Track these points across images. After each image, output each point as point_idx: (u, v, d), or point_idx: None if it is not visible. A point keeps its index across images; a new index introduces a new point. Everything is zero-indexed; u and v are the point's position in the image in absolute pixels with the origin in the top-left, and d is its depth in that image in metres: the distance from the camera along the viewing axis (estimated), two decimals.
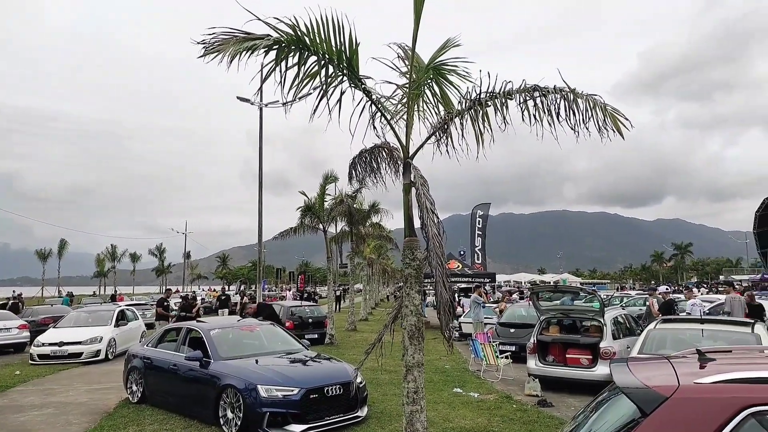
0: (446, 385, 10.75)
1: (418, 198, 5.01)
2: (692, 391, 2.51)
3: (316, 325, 18.79)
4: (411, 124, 5.43)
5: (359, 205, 24.32)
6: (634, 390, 2.67)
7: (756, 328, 7.27)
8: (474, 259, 33.45)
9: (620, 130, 4.60)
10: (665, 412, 2.50)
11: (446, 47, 5.75)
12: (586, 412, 3.35)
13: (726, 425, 2.35)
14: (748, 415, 2.33)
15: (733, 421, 2.34)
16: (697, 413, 2.44)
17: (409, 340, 5.21)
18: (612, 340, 10.12)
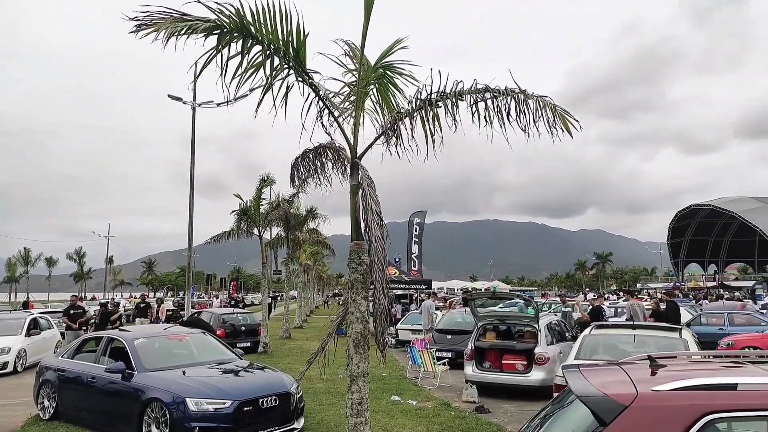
0: (384, 393, 10.58)
1: (363, 199, 4.81)
2: (652, 400, 2.47)
3: (249, 333, 18.13)
4: (359, 123, 5.24)
5: (296, 209, 23.85)
6: (592, 398, 2.59)
7: (683, 334, 7.61)
8: (410, 266, 33.64)
9: (569, 130, 4.63)
10: (625, 421, 2.43)
11: (394, 47, 5.62)
12: (533, 425, 3.26)
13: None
14: (707, 422, 2.30)
15: (693, 429, 2.31)
16: (657, 422, 2.39)
17: (354, 348, 4.99)
18: (546, 346, 10.33)
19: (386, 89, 5.75)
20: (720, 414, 2.32)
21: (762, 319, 17.79)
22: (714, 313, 19.34)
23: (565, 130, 4.63)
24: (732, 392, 2.37)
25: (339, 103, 5.69)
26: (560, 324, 12.27)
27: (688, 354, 4.21)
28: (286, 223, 22.54)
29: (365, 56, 5.31)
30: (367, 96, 5.69)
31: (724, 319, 17.83)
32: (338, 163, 6.03)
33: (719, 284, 53.87)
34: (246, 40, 4.52)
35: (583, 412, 2.64)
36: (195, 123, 20.34)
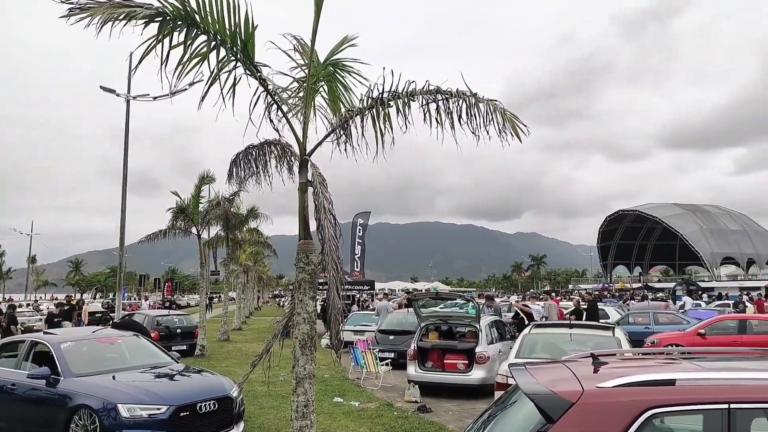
0: (326, 394, 10.46)
1: (315, 197, 4.71)
2: (597, 396, 2.53)
3: (185, 335, 17.47)
4: (309, 120, 5.13)
5: (237, 208, 23.23)
6: (540, 396, 2.63)
7: (616, 332, 7.97)
8: (353, 267, 33.58)
9: (518, 135, 4.73)
10: (572, 417, 2.48)
11: (344, 45, 5.56)
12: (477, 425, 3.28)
13: (629, 427, 2.38)
14: (649, 416, 2.38)
15: (636, 423, 2.38)
16: (602, 417, 2.45)
17: (300, 350, 4.87)
18: (487, 345, 10.54)
19: (336, 87, 5.68)
20: (660, 409, 2.41)
21: (683, 318, 18.97)
22: (640, 312, 20.44)
23: (515, 135, 4.73)
24: (671, 388, 2.46)
25: (288, 98, 5.56)
26: (500, 324, 12.57)
27: (623, 351, 4.39)
28: (226, 222, 21.91)
29: (315, 52, 5.21)
30: (317, 93, 5.60)
31: (650, 318, 18.87)
32: (284, 160, 5.88)
33: (644, 286, 57.15)
34: (190, 30, 4.31)
35: (529, 411, 2.67)
36: (129, 116, 19.42)
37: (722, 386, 2.39)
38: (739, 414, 2.28)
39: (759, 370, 2.70)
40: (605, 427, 2.43)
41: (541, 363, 3.64)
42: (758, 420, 2.29)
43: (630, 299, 36.66)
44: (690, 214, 61.91)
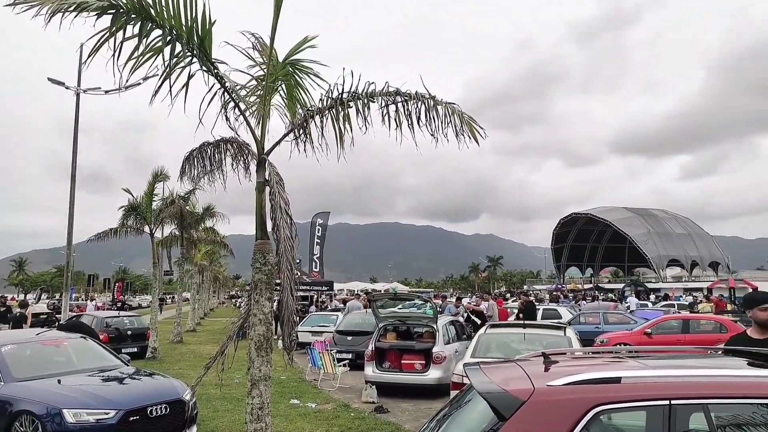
0: (282, 397, 10.35)
1: (272, 197, 4.65)
2: (547, 394, 2.59)
3: (136, 337, 16.94)
4: (267, 119, 5.07)
5: (192, 207, 22.71)
6: (492, 395, 2.68)
7: (567, 332, 8.22)
8: (311, 267, 33.33)
9: (476, 138, 4.81)
10: (523, 415, 2.54)
11: (303, 45, 5.51)
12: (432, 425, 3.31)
13: (577, 424, 2.45)
14: (596, 413, 2.47)
15: (583, 420, 2.46)
16: (552, 414, 2.52)
17: (256, 351, 4.79)
18: (443, 345, 10.66)
19: (295, 86, 5.63)
20: (606, 406, 2.49)
21: (631, 318, 19.71)
22: (591, 313, 21.13)
23: (472, 138, 4.81)
24: (617, 385, 2.55)
25: (245, 96, 5.48)
26: (457, 324, 12.73)
27: (573, 351, 4.53)
28: (180, 220, 21.38)
29: (274, 51, 5.15)
30: (276, 92, 5.53)
31: (600, 318, 19.53)
32: (240, 159, 5.79)
33: (595, 287, 59.06)
34: (145, 23, 4.18)
35: (483, 409, 2.72)
36: (79, 110, 18.68)
37: (664, 383, 2.50)
38: (679, 409, 2.39)
39: (698, 367, 2.84)
40: (555, 424, 2.49)
41: (494, 362, 3.71)
42: (696, 414, 2.40)
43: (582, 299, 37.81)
44: (638, 218, 64.37)
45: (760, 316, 3.56)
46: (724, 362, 3.10)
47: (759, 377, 2.64)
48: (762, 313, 3.55)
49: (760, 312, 3.56)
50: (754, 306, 3.61)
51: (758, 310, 3.56)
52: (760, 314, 3.56)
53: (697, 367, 2.86)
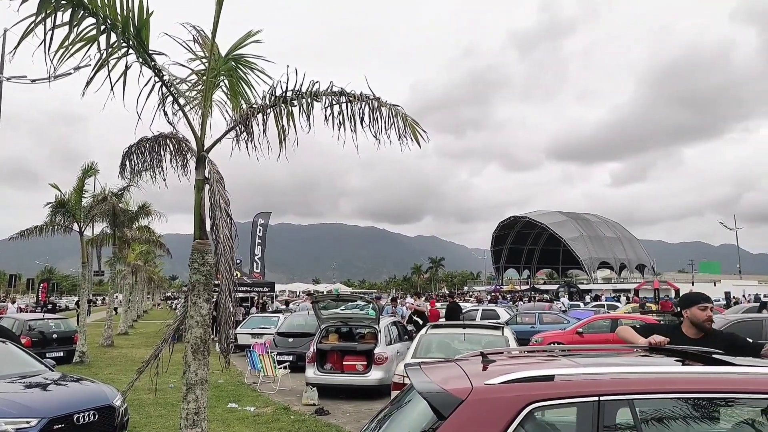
0: (220, 401, 10.08)
1: (211, 195, 4.51)
2: (484, 392, 2.65)
3: (62, 341, 15.99)
4: (207, 115, 4.92)
5: (126, 204, 21.71)
6: (432, 394, 2.71)
7: (504, 332, 8.46)
8: (252, 268, 32.67)
9: (418, 141, 4.86)
10: (462, 413, 2.58)
11: (247, 39, 5.39)
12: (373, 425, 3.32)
13: (513, 421, 2.52)
14: (531, 410, 2.55)
15: (519, 417, 2.53)
16: (489, 412, 2.57)
17: (192, 354, 4.63)
18: (385, 346, 10.72)
19: (238, 82, 5.49)
20: (540, 403, 2.57)
21: (565, 318, 20.54)
22: (527, 313, 21.86)
23: (414, 140, 4.85)
24: (550, 383, 2.64)
25: (185, 91, 5.29)
26: (398, 325, 12.84)
27: (510, 350, 4.67)
28: (113, 218, 20.39)
29: (216, 45, 5.01)
30: (218, 87, 5.38)
31: (535, 318, 20.25)
32: (179, 155, 5.59)
33: (531, 288, 61.16)
34: (76, 11, 3.94)
35: (423, 409, 2.75)
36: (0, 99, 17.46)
37: (593, 380, 2.61)
38: (607, 405, 2.50)
39: (624, 365, 2.98)
40: (492, 421, 2.55)
41: (435, 362, 3.76)
42: (623, 410, 2.52)
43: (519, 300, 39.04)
44: (572, 222, 67.23)
45: (699, 316, 3.57)
46: (650, 360, 3.27)
47: (682, 373, 2.81)
48: (701, 312, 3.57)
49: (698, 311, 3.57)
50: (692, 305, 3.62)
51: (697, 309, 3.58)
52: (699, 313, 3.57)
53: (623, 364, 3.00)
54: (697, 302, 3.62)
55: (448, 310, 16.23)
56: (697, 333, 3.60)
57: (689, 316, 3.64)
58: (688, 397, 2.54)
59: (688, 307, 3.65)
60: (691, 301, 3.68)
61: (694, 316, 3.60)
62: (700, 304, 3.59)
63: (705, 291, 21.63)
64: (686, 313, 3.67)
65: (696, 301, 3.64)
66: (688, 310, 3.65)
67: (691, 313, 3.61)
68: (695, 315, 3.59)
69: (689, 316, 3.63)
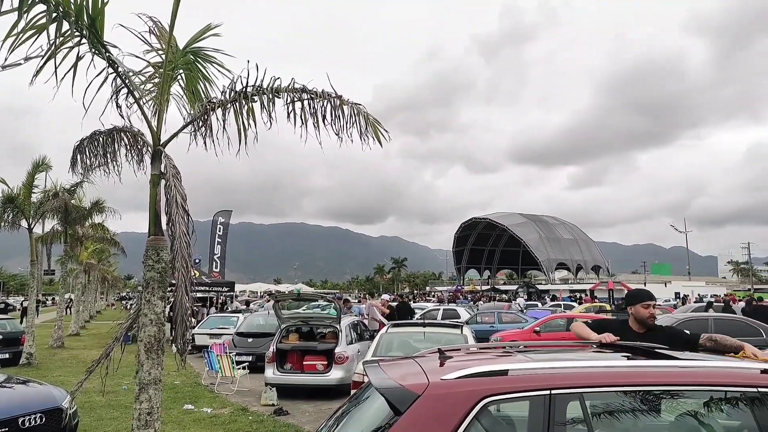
0: (176, 402, 9.86)
1: (167, 190, 4.40)
2: (440, 387, 2.68)
3: (8, 342, 15.31)
4: (164, 109, 4.79)
5: (79, 200, 20.97)
6: (390, 390, 2.73)
7: (464, 330, 8.59)
8: (212, 267, 32.06)
9: (380, 140, 4.87)
10: (418, 408, 2.61)
11: (206, 33, 5.28)
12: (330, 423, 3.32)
13: (468, 414, 2.56)
14: (485, 404, 2.59)
15: (474, 410, 2.58)
16: (445, 407, 2.61)
17: (146, 354, 4.50)
18: (346, 345, 10.69)
19: (196, 76, 5.38)
20: (495, 397, 2.63)
21: (523, 317, 20.98)
22: (487, 312, 22.23)
23: (376, 139, 4.86)
24: (504, 377, 2.69)
25: (141, 84, 5.15)
26: (360, 324, 12.84)
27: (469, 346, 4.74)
28: (65, 215, 19.64)
29: (174, 37, 4.89)
30: (175, 80, 5.25)
31: (495, 317, 20.61)
32: (135, 150, 5.42)
33: (491, 288, 62.13)
34: None
35: (380, 405, 2.77)
36: None
37: (545, 375, 2.68)
38: (558, 399, 2.57)
39: (575, 359, 3.07)
40: (447, 415, 2.59)
41: (393, 359, 3.78)
42: (573, 403, 2.60)
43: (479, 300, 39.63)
44: (532, 224, 68.63)
45: (642, 313, 3.75)
46: (600, 355, 3.38)
47: (629, 368, 2.92)
48: (644, 310, 3.75)
49: (642, 309, 3.75)
50: (636, 302, 3.79)
51: (641, 307, 3.75)
52: (642, 311, 3.75)
53: (575, 359, 3.10)
54: (641, 300, 3.79)
55: (398, 309, 16.58)
56: (642, 328, 3.78)
57: (633, 313, 3.82)
58: (634, 390, 2.64)
59: (633, 305, 3.83)
60: (635, 299, 3.86)
61: (638, 313, 3.78)
62: (643, 302, 3.77)
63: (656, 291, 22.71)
64: (631, 309, 3.85)
65: (640, 299, 3.81)
66: (632, 308, 3.83)
67: (635, 310, 3.79)
68: (639, 312, 3.77)
69: (634, 312, 3.81)
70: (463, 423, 2.54)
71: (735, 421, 2.75)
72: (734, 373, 2.78)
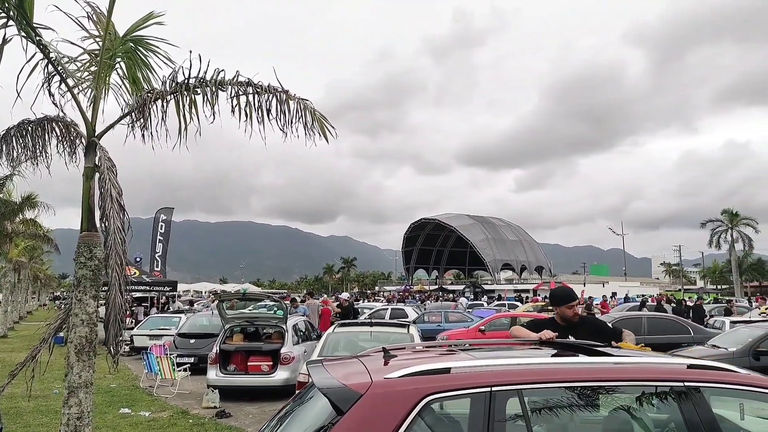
0: (111, 406, 9.43)
1: (101, 184, 4.17)
2: (383, 386, 2.67)
3: None
4: (100, 98, 4.55)
5: (8, 195, 19.76)
6: (333, 390, 2.70)
7: (410, 330, 8.63)
8: (153, 266, 30.93)
9: (326, 136, 4.81)
10: (361, 408, 2.58)
11: (149, 20, 5.06)
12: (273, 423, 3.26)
13: (410, 413, 2.56)
14: (427, 402, 2.60)
15: (416, 409, 2.58)
16: (388, 406, 2.60)
17: (76, 356, 4.26)
18: (292, 346, 10.54)
19: (137, 66, 5.14)
20: (437, 395, 2.64)
21: (469, 317, 21.37)
22: (434, 312, 22.50)
23: (322, 136, 4.80)
24: (446, 375, 2.71)
25: (75, 71, 4.87)
26: (307, 324, 12.70)
27: (414, 345, 4.77)
28: None
29: (113, 24, 4.66)
30: (113, 69, 5.00)
31: (442, 317, 20.88)
32: (67, 141, 5.12)
33: (439, 288, 62.88)
34: None
35: (323, 405, 2.73)
36: None
37: (486, 372, 2.72)
38: (499, 395, 2.61)
39: (516, 357, 3.14)
40: (390, 414, 2.58)
41: (338, 359, 3.74)
42: (512, 400, 2.64)
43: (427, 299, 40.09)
44: (478, 225, 70.00)
45: (567, 313, 3.93)
46: (539, 352, 3.47)
47: (566, 364, 3.00)
48: (569, 310, 3.94)
49: (566, 309, 3.94)
50: (561, 303, 3.98)
51: (566, 308, 3.94)
52: (566, 311, 3.94)
53: (515, 357, 3.16)
54: (566, 302, 3.99)
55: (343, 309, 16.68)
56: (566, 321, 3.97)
57: (559, 313, 4.01)
58: (571, 386, 2.71)
59: (558, 306, 4.04)
60: (561, 300, 4.05)
61: (563, 313, 3.97)
62: (567, 304, 3.97)
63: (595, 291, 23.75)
64: (556, 309, 4.05)
65: (565, 301, 4.00)
66: (558, 308, 4.03)
67: (561, 311, 3.99)
68: (564, 312, 3.97)
69: (559, 312, 4.01)
70: (406, 421, 2.54)
71: (664, 415, 2.87)
72: (663, 368, 2.91)
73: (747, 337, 9.95)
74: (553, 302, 4.12)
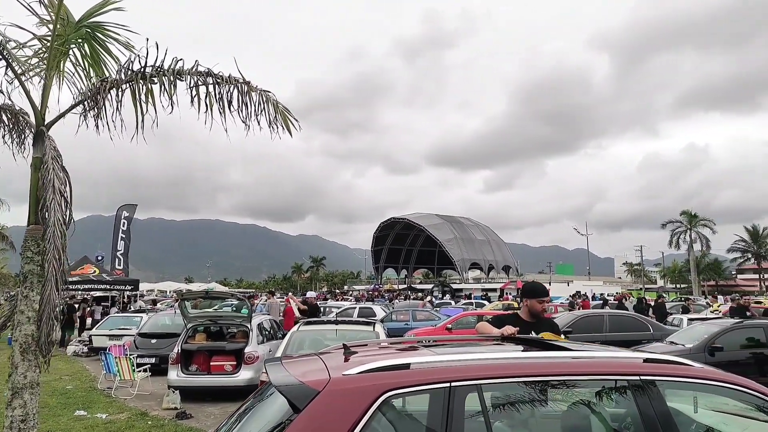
0: (66, 408, 9.10)
1: (44, 173, 3.98)
2: (341, 383, 2.62)
3: None
4: (50, 86, 4.35)
5: None
6: (289, 387, 2.64)
7: (376, 328, 8.58)
8: (114, 265, 30.10)
9: (290, 129, 4.71)
10: (317, 405, 2.53)
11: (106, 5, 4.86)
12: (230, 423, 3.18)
13: (369, 409, 2.52)
14: (386, 398, 2.56)
15: (374, 405, 2.53)
16: (345, 402, 2.55)
17: (21, 355, 4.05)
18: (257, 345, 10.38)
19: (93, 53, 4.94)
20: (396, 390, 2.60)
21: (436, 315, 21.48)
22: (402, 310, 22.55)
23: (286, 129, 4.70)
24: (405, 371, 2.68)
25: (26, 58, 4.65)
26: (272, 323, 12.54)
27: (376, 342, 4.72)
28: None
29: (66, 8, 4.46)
30: (67, 56, 4.79)
31: (409, 315, 20.94)
32: (16, 131, 4.88)
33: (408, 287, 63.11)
34: None
35: (281, 403, 2.67)
36: None
37: (445, 368, 2.69)
38: (458, 390, 2.59)
39: (475, 353, 3.12)
40: (347, 410, 2.53)
41: (297, 357, 3.67)
42: (471, 395, 2.62)
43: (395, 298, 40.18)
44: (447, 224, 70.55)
45: (536, 307, 4.02)
46: (499, 348, 3.47)
47: (525, 359, 3.00)
48: (538, 304, 4.02)
49: (537, 303, 4.02)
50: (533, 297, 4.05)
51: (536, 302, 4.02)
52: (536, 305, 4.02)
53: (474, 353, 3.15)
54: (538, 296, 4.07)
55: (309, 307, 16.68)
56: (532, 318, 4.05)
57: (528, 305, 4.08)
58: (529, 380, 2.71)
59: (530, 298, 4.10)
60: (533, 293, 4.13)
61: (533, 306, 4.05)
62: (539, 298, 4.06)
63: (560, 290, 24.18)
64: (526, 302, 4.12)
65: (537, 294, 4.09)
66: (528, 300, 4.10)
67: (531, 303, 4.06)
68: (534, 306, 4.04)
69: (528, 305, 4.08)
70: (364, 417, 2.50)
71: (621, 408, 2.90)
72: (620, 362, 2.94)
73: (703, 334, 10.27)
74: (525, 295, 4.18)
